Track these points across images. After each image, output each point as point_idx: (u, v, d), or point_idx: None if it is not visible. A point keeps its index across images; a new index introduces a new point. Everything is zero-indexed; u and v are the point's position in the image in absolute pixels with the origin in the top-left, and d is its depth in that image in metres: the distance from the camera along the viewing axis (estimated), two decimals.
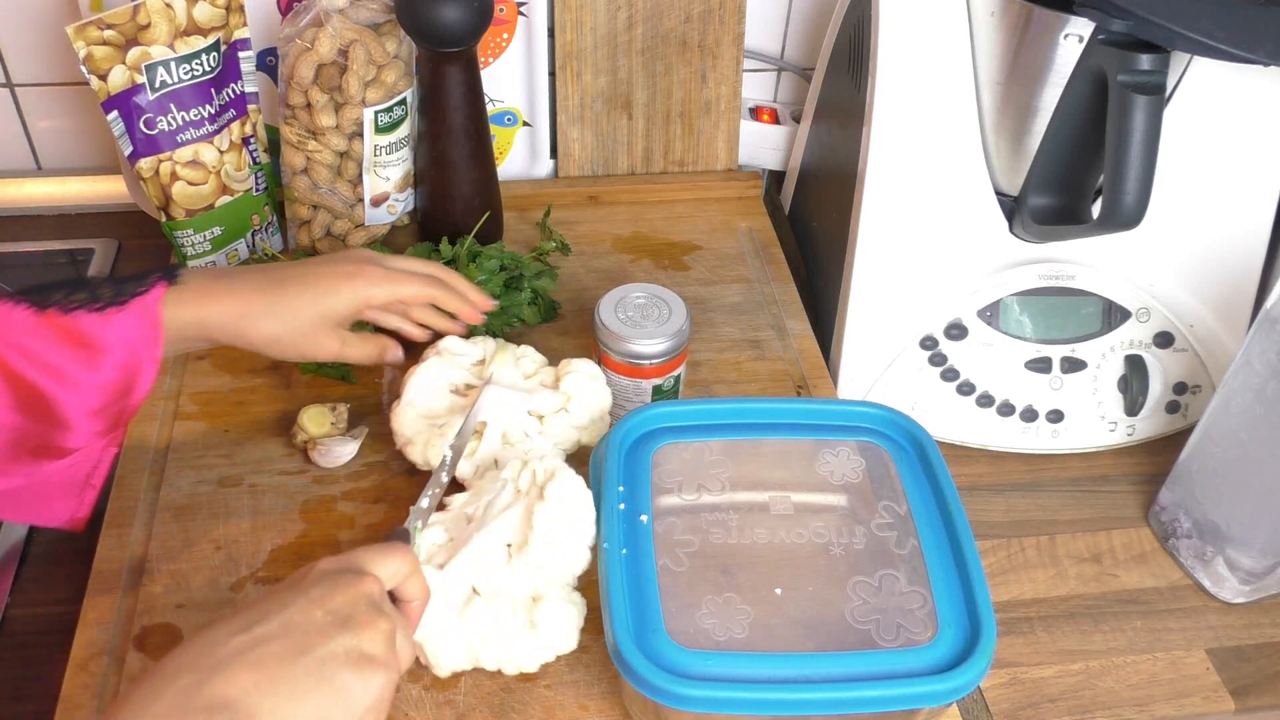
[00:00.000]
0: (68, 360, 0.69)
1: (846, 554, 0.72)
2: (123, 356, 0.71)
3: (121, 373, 0.71)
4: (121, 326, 0.70)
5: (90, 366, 0.70)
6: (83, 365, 0.69)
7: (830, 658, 0.66)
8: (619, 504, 0.72)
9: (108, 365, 0.70)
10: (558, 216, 1.12)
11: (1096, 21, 0.77)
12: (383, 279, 0.80)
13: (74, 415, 0.70)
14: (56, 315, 0.69)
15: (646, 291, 0.88)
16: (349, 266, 0.80)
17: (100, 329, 0.70)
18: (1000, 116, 0.89)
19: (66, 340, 0.69)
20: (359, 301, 0.79)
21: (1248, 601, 0.84)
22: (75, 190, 1.14)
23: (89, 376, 0.70)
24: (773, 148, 1.21)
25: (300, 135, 0.98)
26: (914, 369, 0.93)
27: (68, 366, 0.69)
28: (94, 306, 0.70)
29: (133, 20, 0.87)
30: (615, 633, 0.65)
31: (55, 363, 0.69)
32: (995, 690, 0.78)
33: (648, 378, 0.86)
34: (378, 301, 0.80)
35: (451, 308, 0.85)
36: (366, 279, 0.79)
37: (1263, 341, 0.76)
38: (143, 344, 0.71)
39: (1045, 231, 0.89)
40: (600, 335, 0.86)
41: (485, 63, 1.09)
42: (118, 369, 0.71)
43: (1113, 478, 0.93)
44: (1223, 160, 0.90)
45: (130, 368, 0.71)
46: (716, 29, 1.11)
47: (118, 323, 0.70)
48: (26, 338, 0.68)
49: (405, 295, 0.82)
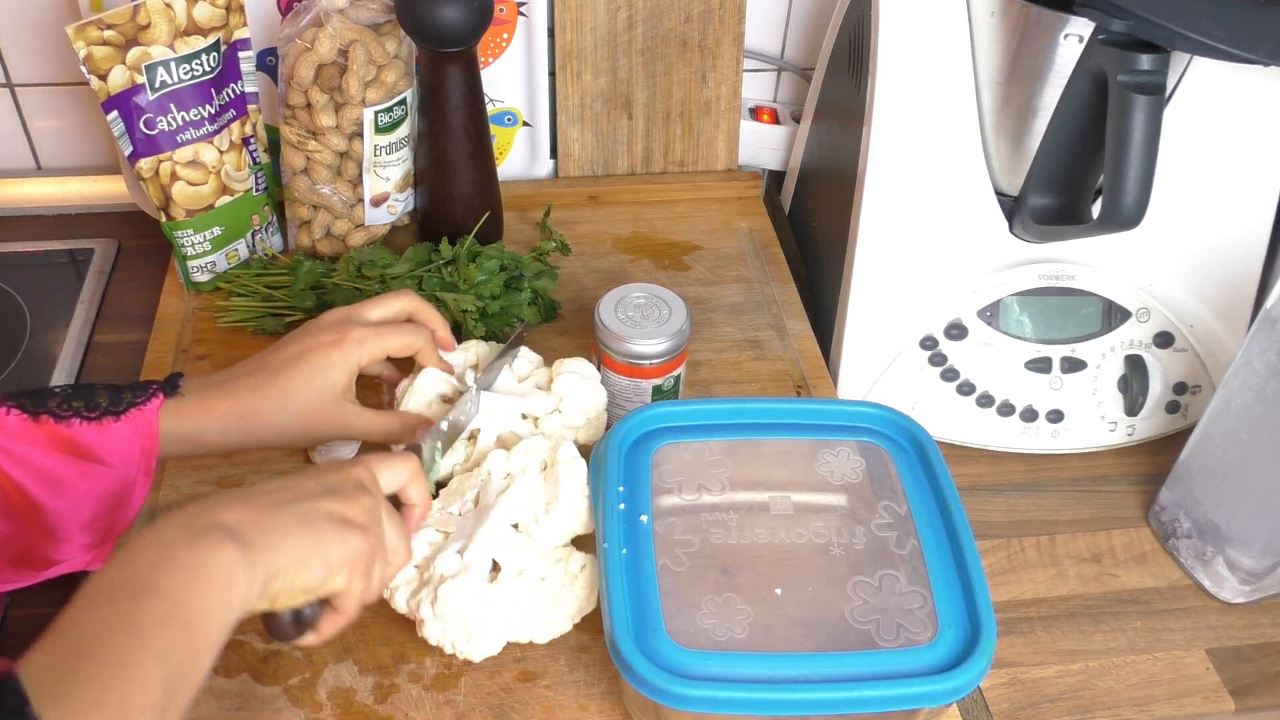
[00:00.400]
0: (61, 468, 0.67)
1: (846, 554, 0.72)
2: (117, 468, 0.69)
3: (115, 484, 0.69)
4: (117, 437, 0.69)
5: (83, 475, 0.68)
6: (76, 474, 0.68)
7: (830, 658, 0.66)
8: (619, 504, 0.72)
9: (101, 476, 0.69)
10: (558, 216, 1.12)
11: (1096, 21, 0.77)
12: (368, 338, 0.77)
13: (64, 525, 0.68)
14: (50, 422, 0.68)
15: (646, 291, 0.88)
16: (330, 335, 0.76)
17: (95, 439, 0.68)
18: (1000, 116, 0.89)
19: (60, 448, 0.68)
20: (350, 368, 0.76)
21: (1248, 601, 0.84)
22: (75, 190, 1.14)
23: (82, 486, 0.68)
24: (773, 148, 1.21)
25: (300, 135, 0.98)
26: (914, 369, 0.93)
27: (61, 474, 0.67)
28: (90, 415, 0.69)
29: (133, 20, 0.87)
30: (615, 633, 0.65)
31: (48, 470, 0.67)
32: (995, 690, 0.78)
33: (648, 378, 0.86)
34: (366, 361, 0.77)
35: (430, 361, 0.82)
36: (353, 342, 0.76)
37: (1263, 341, 0.76)
38: (137, 457, 0.70)
39: (1045, 231, 0.89)
40: (600, 335, 0.86)
41: (485, 63, 1.09)
42: (111, 480, 0.69)
43: (1113, 478, 0.93)
44: (1223, 160, 0.90)
45: (124, 480, 0.70)
46: (716, 29, 1.11)
47: (113, 433, 0.69)
48: (19, 443, 0.67)
49: (392, 349, 0.79)
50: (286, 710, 0.72)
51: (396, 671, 0.74)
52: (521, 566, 0.73)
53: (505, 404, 0.82)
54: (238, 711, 0.72)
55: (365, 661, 0.75)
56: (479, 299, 0.95)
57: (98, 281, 1.05)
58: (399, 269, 0.96)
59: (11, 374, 0.96)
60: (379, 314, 0.80)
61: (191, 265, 0.99)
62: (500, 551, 0.73)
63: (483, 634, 0.72)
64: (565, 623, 0.75)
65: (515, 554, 0.73)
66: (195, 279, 1.00)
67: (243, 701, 0.72)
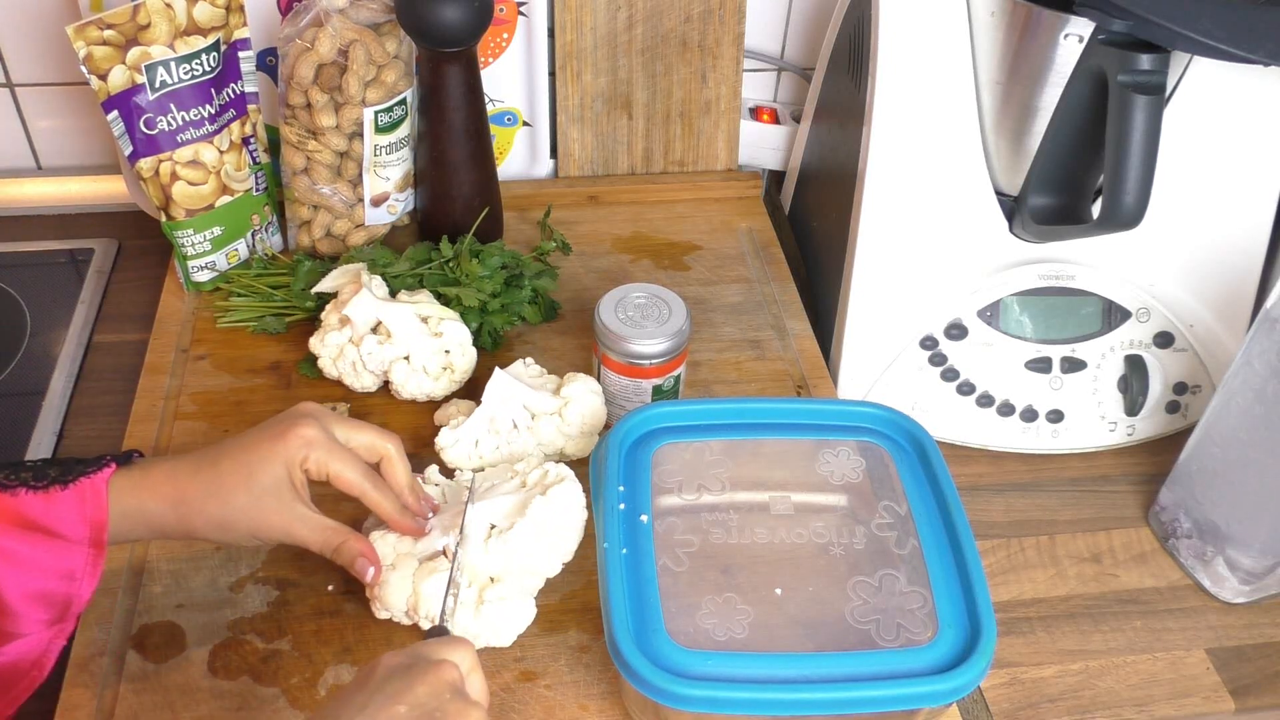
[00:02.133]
0: (6, 539, 0.65)
1: (846, 554, 0.72)
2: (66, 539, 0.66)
3: (63, 556, 0.67)
4: (64, 507, 0.66)
5: (31, 547, 0.65)
6: (22, 544, 0.65)
7: (830, 658, 0.66)
8: (619, 504, 0.72)
9: (48, 548, 0.66)
10: (558, 216, 1.12)
11: (1096, 21, 0.77)
12: (317, 444, 0.70)
13: (13, 597, 0.66)
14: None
15: (646, 291, 0.88)
16: (279, 427, 0.70)
17: (40, 510, 0.66)
18: (1000, 116, 0.89)
19: (6, 518, 0.65)
20: (291, 464, 0.69)
21: (1248, 601, 0.84)
22: (75, 190, 1.14)
23: (29, 556, 0.65)
24: (773, 148, 1.21)
25: (300, 135, 0.98)
26: (914, 369, 0.93)
27: (6, 545, 0.65)
28: (37, 485, 0.66)
29: (133, 20, 0.87)
30: (615, 633, 0.65)
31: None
32: (995, 690, 0.78)
33: (648, 378, 0.86)
34: (310, 467, 0.70)
35: (381, 514, 0.73)
36: (298, 440, 0.69)
37: (1263, 341, 0.76)
38: (85, 529, 0.66)
39: (1045, 231, 0.89)
40: (600, 336, 0.86)
41: (485, 63, 1.09)
42: (59, 551, 0.66)
43: (1113, 478, 0.93)
44: (1223, 160, 0.90)
45: (74, 551, 0.67)
46: (716, 29, 1.11)
47: (59, 503, 0.66)
48: None
49: (333, 474, 0.71)
50: (286, 710, 0.72)
51: None
52: (462, 565, 0.73)
53: (515, 388, 0.84)
54: (238, 711, 0.72)
55: (365, 661, 0.74)
56: (479, 294, 0.95)
57: (98, 281, 1.05)
58: (399, 268, 0.96)
59: (11, 374, 0.96)
60: (346, 433, 0.72)
61: (191, 265, 0.99)
62: (453, 542, 0.74)
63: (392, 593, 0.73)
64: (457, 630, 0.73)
65: (466, 552, 0.74)
66: (195, 279, 1.00)
67: (243, 701, 0.72)
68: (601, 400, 0.87)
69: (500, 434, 0.84)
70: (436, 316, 0.90)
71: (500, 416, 0.84)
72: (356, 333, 0.88)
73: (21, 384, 0.95)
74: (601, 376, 0.88)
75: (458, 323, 0.90)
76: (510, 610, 0.74)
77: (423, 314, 0.90)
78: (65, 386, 0.95)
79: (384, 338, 0.88)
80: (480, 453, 0.84)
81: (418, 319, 0.89)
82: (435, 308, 0.91)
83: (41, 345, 0.99)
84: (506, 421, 0.84)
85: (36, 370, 0.96)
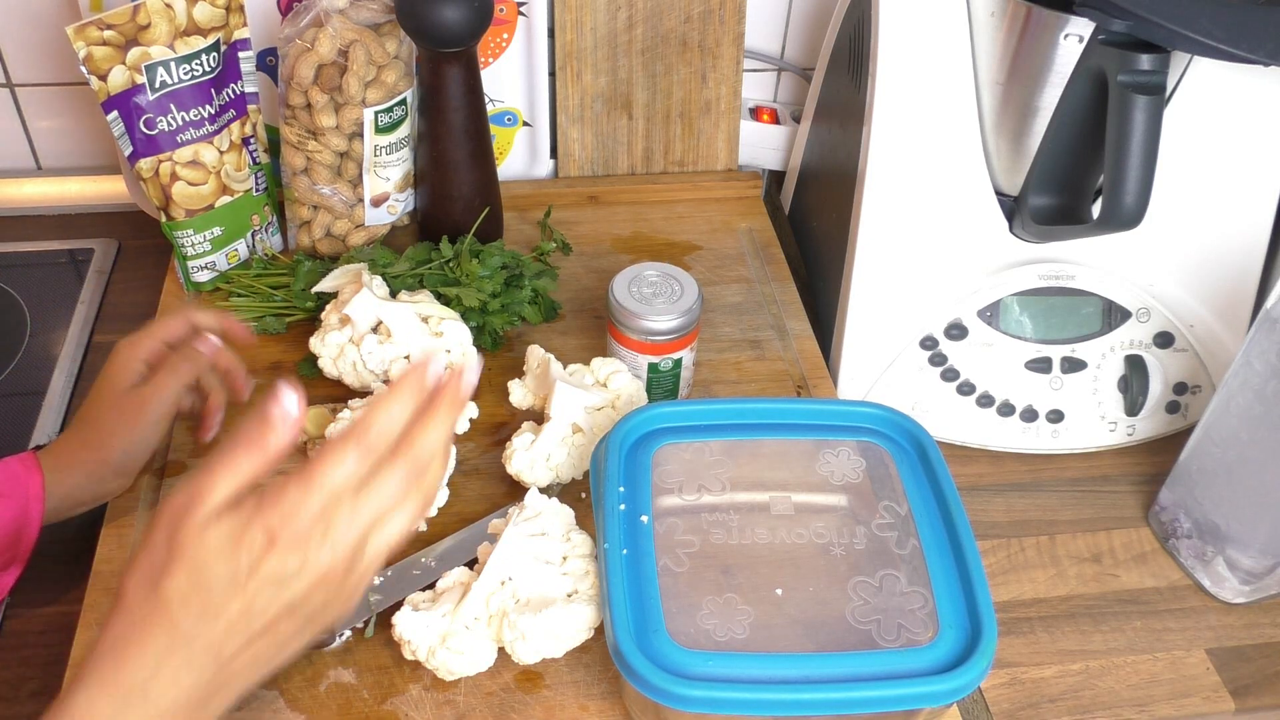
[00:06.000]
0: None
1: (847, 554, 0.72)
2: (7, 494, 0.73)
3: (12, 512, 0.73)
4: (7, 470, 0.74)
5: None
6: None
7: (831, 658, 0.66)
8: (619, 504, 0.72)
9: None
10: (558, 216, 1.12)
11: (1096, 21, 0.77)
12: (140, 333, 0.80)
13: None
14: None
15: (660, 270, 0.90)
16: None
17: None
18: (1000, 116, 0.89)
19: None
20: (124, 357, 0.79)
21: (1248, 601, 0.84)
22: (75, 190, 1.14)
23: None
24: (773, 148, 1.21)
25: (300, 135, 0.98)
26: (914, 369, 0.93)
27: None
28: None
29: (133, 20, 0.87)
30: (616, 633, 0.65)
31: None
32: (995, 690, 0.78)
33: (659, 354, 0.87)
34: (143, 350, 0.79)
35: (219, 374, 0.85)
36: (126, 340, 0.80)
37: (1263, 341, 0.76)
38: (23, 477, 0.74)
39: (1045, 231, 0.89)
40: (613, 311, 0.87)
41: (485, 63, 1.09)
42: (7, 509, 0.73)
43: (1113, 478, 0.93)
44: (1223, 160, 0.90)
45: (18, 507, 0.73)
46: (716, 29, 1.11)
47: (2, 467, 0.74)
48: None
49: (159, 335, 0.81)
50: (286, 710, 0.72)
51: (397, 671, 0.74)
52: None
53: (574, 396, 0.84)
54: (238, 711, 0.72)
55: (365, 661, 0.75)
56: (479, 294, 0.95)
57: (98, 281, 1.05)
58: (399, 268, 0.96)
59: (11, 374, 0.96)
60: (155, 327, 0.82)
61: (191, 265, 0.99)
62: None
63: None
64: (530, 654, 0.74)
65: None
66: (195, 279, 1.00)
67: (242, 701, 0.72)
68: (639, 382, 0.87)
69: (567, 441, 0.84)
70: (437, 316, 0.90)
71: (565, 425, 0.84)
72: (357, 332, 0.88)
73: (21, 384, 0.95)
74: (612, 352, 0.89)
75: (458, 323, 0.90)
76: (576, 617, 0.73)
77: (423, 314, 0.90)
78: (65, 386, 0.95)
79: (384, 337, 0.88)
80: (553, 465, 0.84)
81: (418, 319, 0.89)
82: (436, 308, 0.91)
83: (41, 345, 0.99)
84: (568, 428, 0.84)
85: (36, 370, 0.96)
